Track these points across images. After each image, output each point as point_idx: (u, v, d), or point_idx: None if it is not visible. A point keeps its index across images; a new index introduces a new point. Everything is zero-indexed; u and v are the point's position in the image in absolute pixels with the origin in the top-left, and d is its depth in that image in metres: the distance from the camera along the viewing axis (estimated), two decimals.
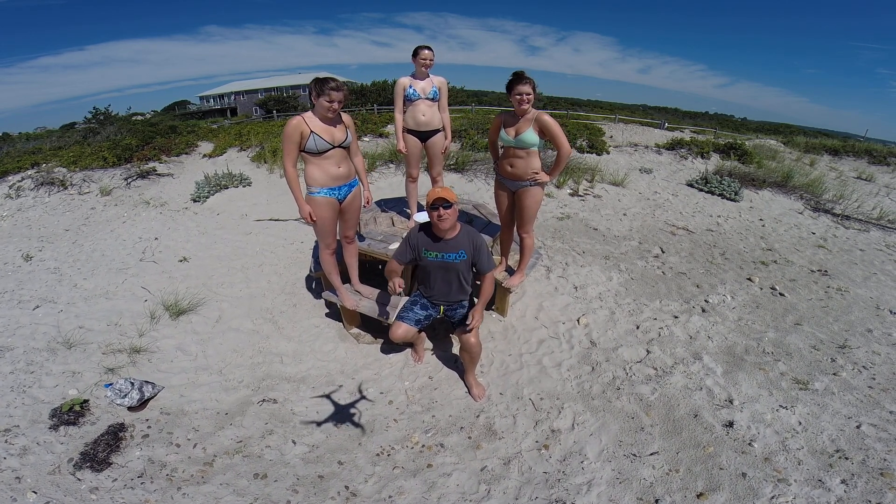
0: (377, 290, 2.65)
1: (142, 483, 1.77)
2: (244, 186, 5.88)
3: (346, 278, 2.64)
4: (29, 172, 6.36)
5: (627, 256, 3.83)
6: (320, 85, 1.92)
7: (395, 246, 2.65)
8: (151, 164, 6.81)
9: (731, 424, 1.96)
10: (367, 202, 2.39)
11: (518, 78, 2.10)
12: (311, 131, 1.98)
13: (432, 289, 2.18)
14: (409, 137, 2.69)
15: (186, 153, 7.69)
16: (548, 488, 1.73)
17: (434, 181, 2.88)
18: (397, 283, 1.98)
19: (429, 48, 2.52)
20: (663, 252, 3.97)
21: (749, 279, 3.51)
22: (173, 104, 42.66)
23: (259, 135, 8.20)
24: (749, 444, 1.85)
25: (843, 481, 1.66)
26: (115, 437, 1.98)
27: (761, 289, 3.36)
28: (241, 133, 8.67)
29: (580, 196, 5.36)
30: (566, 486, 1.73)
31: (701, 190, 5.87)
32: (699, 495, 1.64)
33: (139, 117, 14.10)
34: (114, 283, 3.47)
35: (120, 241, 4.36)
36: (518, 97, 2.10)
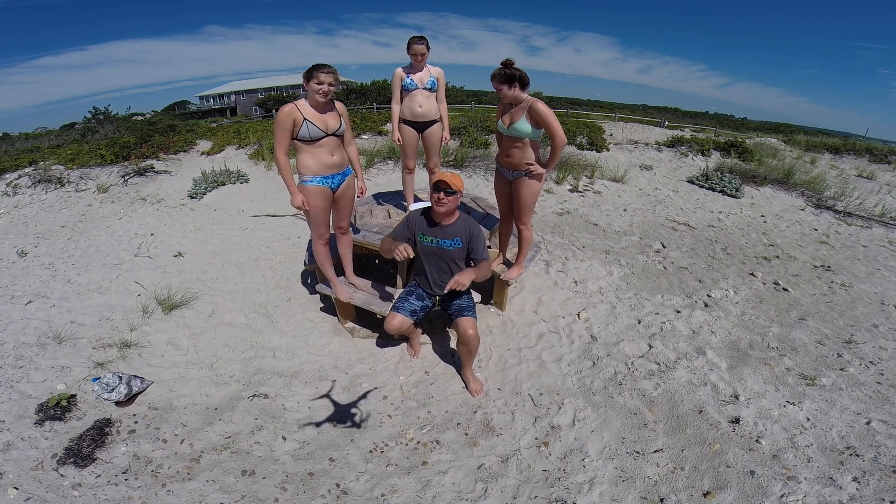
0: (372, 283, 2.59)
1: (126, 479, 1.71)
2: (242, 183, 5.84)
3: (340, 271, 2.58)
4: (26, 170, 6.33)
5: (628, 251, 3.78)
6: (311, 69, 1.88)
7: None
8: (149, 162, 6.77)
9: (737, 421, 1.90)
10: (362, 192, 2.34)
11: (492, 74, 2.09)
12: (304, 118, 1.93)
13: (427, 278, 2.12)
14: (406, 128, 2.64)
15: (185, 151, 7.66)
16: (547, 487, 1.67)
17: (431, 172, 2.82)
18: (403, 246, 1.84)
19: (421, 41, 2.44)
20: (664, 247, 3.92)
21: (752, 274, 3.45)
22: (173, 104, 42.73)
23: (257, 133, 8.17)
24: (756, 440, 1.79)
25: (854, 479, 1.60)
26: (100, 432, 1.92)
27: (764, 284, 3.30)
28: (240, 131, 8.64)
29: (580, 192, 5.31)
30: (567, 484, 1.67)
31: (702, 186, 5.82)
32: (706, 494, 1.57)
33: (139, 117, 14.10)
34: (108, 278, 3.42)
35: (115, 237, 4.32)
36: (495, 89, 2.11)
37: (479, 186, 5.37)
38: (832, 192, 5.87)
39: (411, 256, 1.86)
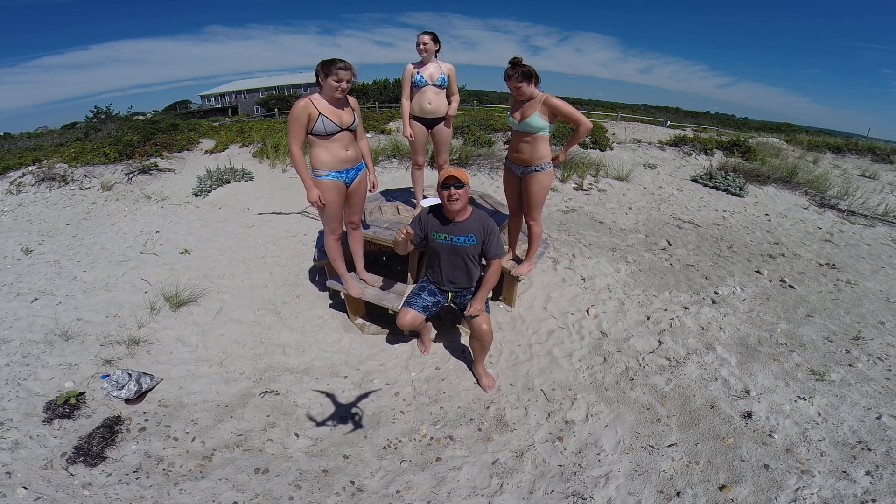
0: (382, 279, 2.59)
1: (137, 478, 1.70)
2: (246, 181, 5.83)
3: (350, 267, 2.58)
4: (30, 168, 6.30)
5: (634, 249, 3.78)
6: (328, 66, 1.87)
7: None
8: (153, 160, 6.75)
9: (749, 415, 1.90)
10: (374, 186, 2.34)
11: (505, 74, 2.08)
12: (320, 113, 1.93)
13: (440, 274, 2.11)
14: (416, 124, 2.64)
15: (188, 149, 7.63)
16: (563, 481, 1.67)
17: (441, 169, 2.82)
18: (404, 228, 1.91)
19: (428, 33, 2.44)
20: (670, 245, 3.92)
21: (758, 272, 3.45)
22: (174, 104, 42.65)
23: (261, 131, 8.16)
24: (769, 435, 1.79)
25: (867, 473, 1.61)
26: (110, 430, 1.91)
27: (770, 281, 3.31)
28: (243, 130, 8.63)
29: (585, 190, 5.32)
30: (583, 479, 1.67)
31: (705, 185, 5.83)
32: (721, 487, 1.58)
33: (140, 117, 14.06)
34: (114, 275, 3.41)
35: (121, 235, 4.30)
36: (512, 88, 2.11)
37: (483, 184, 5.37)
38: (835, 191, 5.87)
39: (411, 234, 1.92)
